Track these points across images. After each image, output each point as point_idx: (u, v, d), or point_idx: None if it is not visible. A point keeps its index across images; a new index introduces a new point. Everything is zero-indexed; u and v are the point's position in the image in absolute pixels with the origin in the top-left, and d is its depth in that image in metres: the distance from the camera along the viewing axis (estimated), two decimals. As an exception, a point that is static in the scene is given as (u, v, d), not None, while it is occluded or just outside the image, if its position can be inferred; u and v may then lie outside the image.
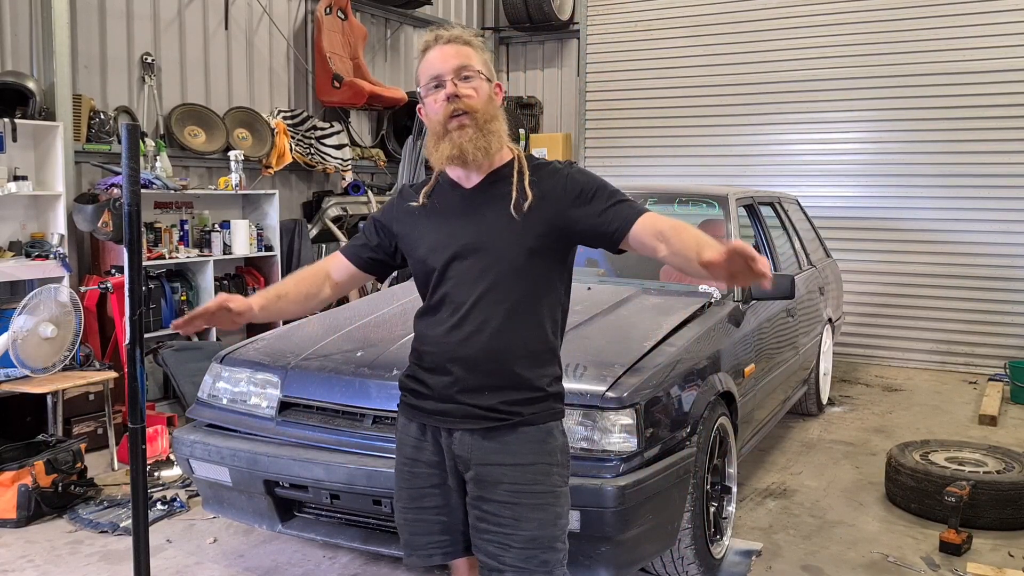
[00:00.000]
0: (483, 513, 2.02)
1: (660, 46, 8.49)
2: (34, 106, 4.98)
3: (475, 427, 2.01)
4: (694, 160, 8.35)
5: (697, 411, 3.18)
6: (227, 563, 3.53)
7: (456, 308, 2.02)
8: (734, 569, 3.48)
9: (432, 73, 2.02)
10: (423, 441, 2.09)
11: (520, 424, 2.00)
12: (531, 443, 2.01)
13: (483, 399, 1.99)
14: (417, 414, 2.10)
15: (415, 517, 2.12)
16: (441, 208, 2.09)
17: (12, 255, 4.99)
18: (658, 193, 5.10)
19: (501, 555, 1.99)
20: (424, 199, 2.12)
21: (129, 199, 2.50)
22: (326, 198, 7.07)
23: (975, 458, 4.27)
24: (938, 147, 7.31)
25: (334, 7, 7.11)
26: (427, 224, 2.10)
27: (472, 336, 1.99)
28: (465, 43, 2.04)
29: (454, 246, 2.03)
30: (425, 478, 2.09)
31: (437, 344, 2.04)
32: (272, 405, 3.23)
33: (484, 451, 2.01)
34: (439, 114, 2.00)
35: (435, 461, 2.08)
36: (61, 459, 4.09)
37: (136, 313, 2.54)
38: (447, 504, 2.09)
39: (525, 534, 1.98)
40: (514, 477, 1.99)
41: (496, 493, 1.99)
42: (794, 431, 5.49)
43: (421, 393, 2.08)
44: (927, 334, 7.48)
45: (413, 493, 2.11)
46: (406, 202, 2.17)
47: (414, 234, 2.12)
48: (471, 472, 2.03)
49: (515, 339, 1.99)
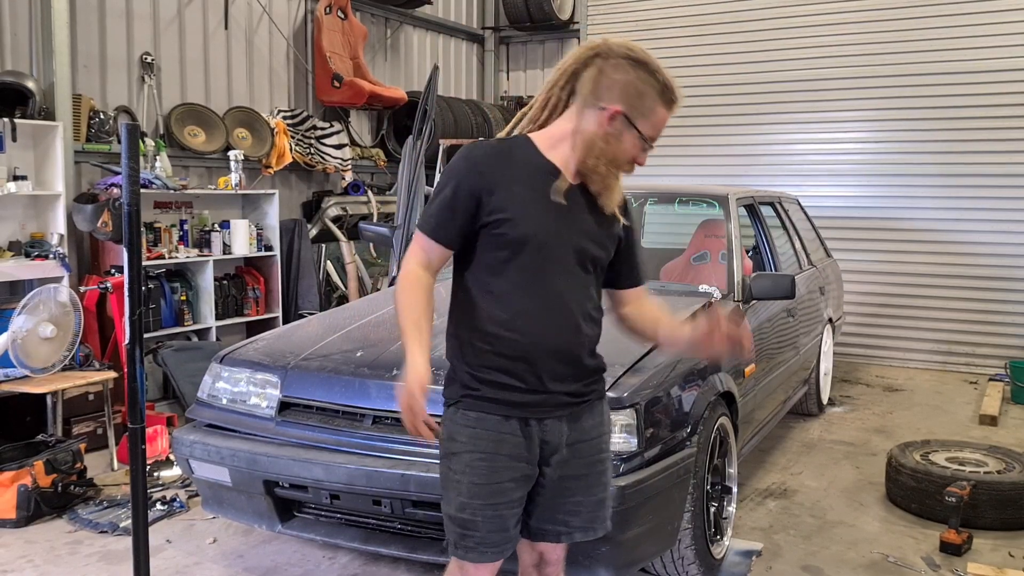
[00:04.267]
0: (563, 489, 2.11)
1: (660, 46, 8.47)
2: (34, 106, 4.97)
3: (564, 413, 2.08)
4: (694, 160, 8.34)
5: (697, 411, 3.18)
6: (227, 563, 3.53)
7: (552, 298, 2.02)
8: (734, 569, 3.48)
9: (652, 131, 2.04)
10: (504, 433, 2.02)
11: (595, 400, 2.16)
12: (601, 415, 2.18)
13: (571, 386, 2.08)
14: (500, 407, 2.03)
15: (494, 513, 2.02)
16: (542, 190, 2.01)
17: (12, 255, 4.99)
18: (658, 193, 5.09)
19: (570, 520, 2.13)
20: (507, 165, 2.02)
21: (129, 199, 2.49)
22: (326, 198, 7.07)
23: (976, 458, 4.26)
24: (938, 147, 7.31)
25: (334, 7, 7.10)
26: (529, 201, 2.00)
27: (565, 329, 2.04)
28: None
29: (555, 234, 2.02)
30: (505, 471, 2.02)
31: (533, 333, 2.00)
32: (272, 405, 3.22)
33: (572, 432, 2.10)
34: (625, 155, 2.03)
35: (519, 453, 2.03)
36: (61, 459, 4.08)
37: (136, 313, 2.54)
38: (522, 496, 2.07)
39: (595, 498, 2.15)
40: (590, 450, 2.13)
41: (572, 467, 2.11)
42: (794, 431, 5.49)
43: (508, 384, 2.02)
44: (928, 334, 7.48)
45: (493, 488, 2.01)
46: (498, 161, 2.02)
47: (512, 211, 1.98)
48: (558, 456, 2.08)
49: (594, 331, 2.13)
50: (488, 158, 2.03)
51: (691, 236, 5.09)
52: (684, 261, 4.96)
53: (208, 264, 5.77)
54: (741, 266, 4.24)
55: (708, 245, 4.89)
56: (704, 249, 4.91)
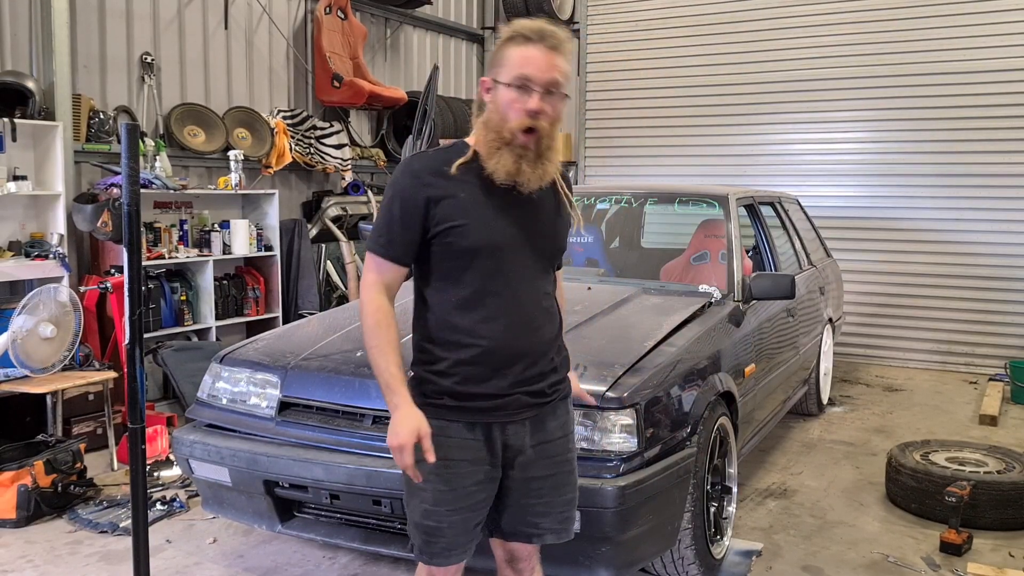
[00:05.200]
0: (529, 490, 2.11)
1: (660, 46, 8.49)
2: (34, 106, 4.97)
3: (528, 415, 2.08)
4: (694, 160, 8.34)
5: (697, 411, 3.18)
6: (227, 563, 3.53)
7: (512, 303, 2.03)
8: (734, 569, 3.48)
9: (524, 72, 1.93)
10: (468, 439, 2.04)
11: (558, 400, 2.15)
12: (565, 415, 2.18)
13: (534, 386, 2.07)
14: (464, 414, 2.03)
15: (460, 519, 2.04)
16: (490, 195, 2.00)
17: (12, 255, 4.99)
18: (658, 193, 5.09)
19: (540, 521, 2.13)
20: (456, 173, 2.00)
21: (128, 199, 2.49)
22: (326, 198, 7.06)
23: (975, 458, 4.26)
24: (938, 147, 7.31)
25: (334, 7, 7.10)
26: (479, 211, 1.99)
27: (527, 331, 2.05)
28: (565, 53, 1.99)
29: (510, 239, 2.02)
30: (469, 476, 2.04)
31: (497, 340, 2.01)
32: (272, 405, 3.22)
33: (536, 434, 2.10)
34: (514, 120, 1.94)
35: (481, 457, 2.05)
36: (61, 459, 4.08)
37: (135, 313, 2.54)
38: (488, 497, 2.09)
39: (564, 498, 2.15)
40: (553, 451, 2.13)
41: (539, 468, 2.10)
42: (794, 431, 5.49)
43: (471, 392, 2.02)
44: (927, 334, 7.48)
45: (459, 493, 2.03)
46: (433, 180, 2.00)
47: (461, 219, 1.98)
48: (522, 457, 2.08)
49: (553, 330, 2.13)
50: (429, 168, 2.02)
51: (691, 236, 5.09)
52: (684, 261, 4.96)
53: (208, 264, 5.77)
54: (741, 266, 4.24)
55: (708, 245, 4.89)
56: (704, 249, 4.91)
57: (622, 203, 5.18)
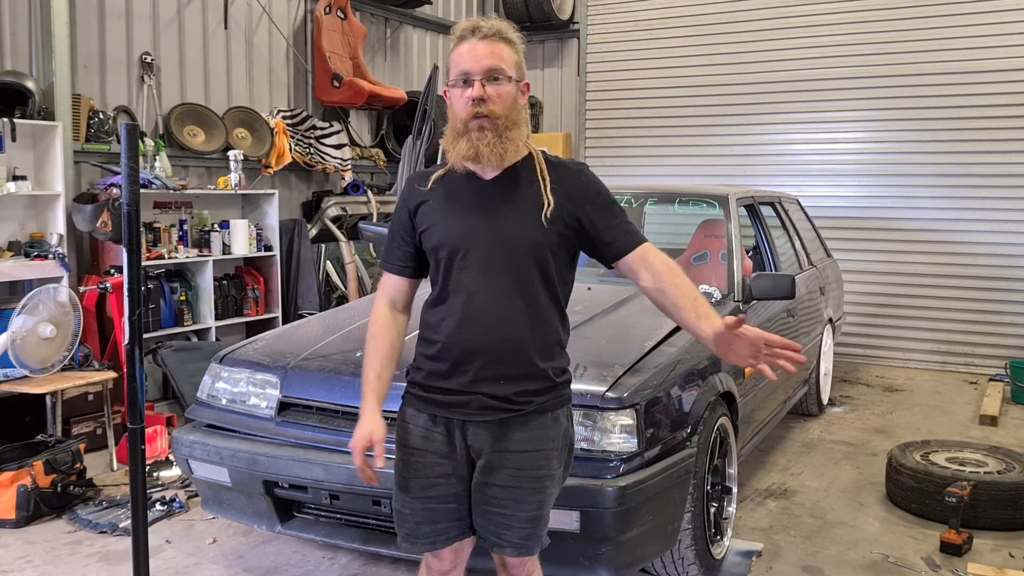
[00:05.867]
0: (486, 496, 2.08)
1: (660, 46, 8.49)
2: (33, 106, 4.97)
3: (491, 418, 2.06)
4: (694, 160, 8.34)
5: (697, 411, 3.17)
6: (226, 564, 3.52)
7: (472, 300, 2.04)
8: (734, 570, 3.47)
9: (462, 68, 2.01)
10: (433, 431, 2.10)
11: (533, 412, 2.07)
12: (540, 430, 2.08)
13: (499, 389, 2.04)
14: (428, 406, 2.11)
15: (422, 507, 2.10)
16: (457, 197, 2.09)
17: (11, 255, 4.98)
18: (658, 193, 5.09)
19: (503, 532, 2.09)
20: (433, 184, 2.12)
21: (128, 199, 2.49)
22: (325, 198, 7.06)
23: (976, 458, 4.26)
24: (938, 147, 7.31)
25: (334, 6, 7.10)
26: (443, 212, 2.09)
27: (491, 329, 2.03)
28: (502, 40, 2.03)
29: (472, 237, 2.04)
30: (433, 467, 2.09)
31: (453, 336, 2.04)
32: (271, 405, 3.22)
33: (497, 440, 2.06)
34: (462, 112, 2.02)
35: (445, 451, 2.09)
36: (60, 459, 4.08)
37: (135, 313, 2.54)
38: (455, 493, 2.10)
39: (525, 515, 2.08)
40: (519, 463, 2.06)
41: (500, 477, 2.07)
42: (795, 431, 5.48)
43: (434, 386, 2.09)
44: (927, 334, 7.48)
45: (421, 483, 2.09)
46: (418, 189, 2.15)
47: (429, 222, 2.10)
48: (482, 460, 2.08)
49: (532, 332, 2.05)
50: (418, 179, 2.17)
51: (691, 236, 5.09)
52: (684, 261, 4.95)
53: (208, 264, 5.77)
54: (741, 266, 4.23)
55: (708, 245, 4.89)
56: (704, 249, 4.91)
57: (622, 203, 5.17)
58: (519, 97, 2.06)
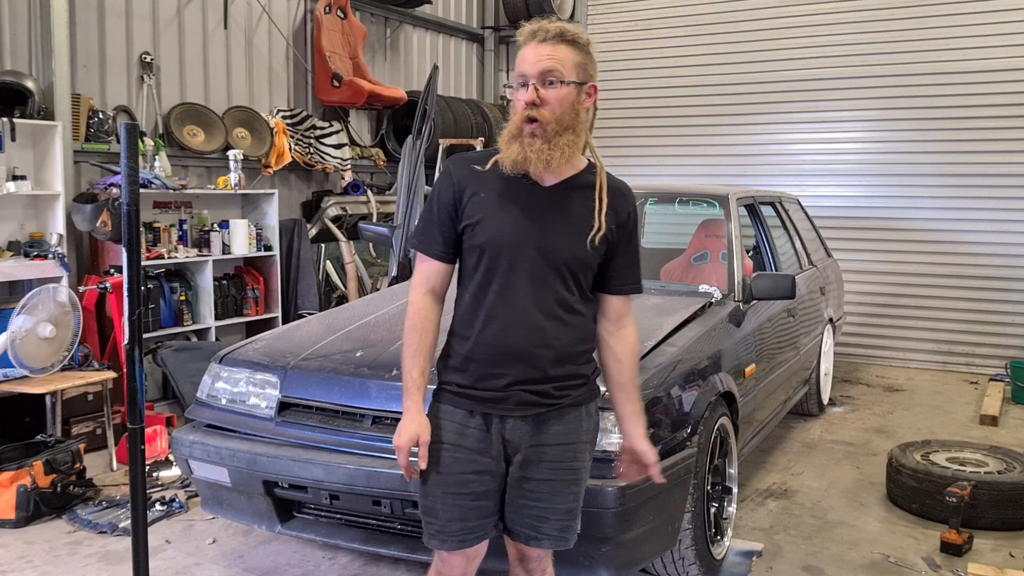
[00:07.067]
0: (523, 491, 2.11)
1: (660, 46, 8.49)
2: (33, 105, 4.96)
3: (528, 413, 2.08)
4: (694, 160, 8.34)
5: (698, 411, 3.17)
6: (226, 564, 3.52)
7: (515, 305, 2.04)
8: (735, 570, 3.47)
9: (520, 70, 2.03)
10: (468, 428, 2.09)
11: (568, 406, 2.12)
12: (574, 423, 2.13)
13: (538, 387, 2.07)
14: (465, 402, 2.10)
15: (454, 503, 2.09)
16: (511, 198, 2.07)
17: (11, 255, 4.98)
18: (658, 193, 5.09)
19: (540, 525, 2.13)
20: (490, 169, 2.08)
21: (128, 199, 2.49)
22: (325, 198, 7.06)
23: (976, 458, 4.26)
24: (938, 147, 7.31)
25: (333, 6, 7.09)
26: (494, 210, 2.06)
27: (535, 333, 2.04)
28: (563, 41, 2.02)
29: (521, 244, 2.04)
30: (467, 463, 2.08)
31: (496, 339, 2.05)
32: (271, 405, 3.21)
33: (535, 434, 2.09)
34: (518, 115, 2.02)
35: (480, 448, 2.09)
36: (60, 459, 4.08)
37: (135, 313, 2.53)
38: (488, 490, 2.11)
39: (562, 506, 2.13)
40: (555, 455, 2.10)
41: (538, 471, 2.10)
42: (795, 431, 5.48)
43: (468, 384, 2.09)
44: (928, 334, 7.48)
45: (454, 479, 2.08)
46: (475, 170, 2.10)
47: (479, 216, 2.06)
48: (520, 455, 2.09)
49: (572, 337, 2.09)
50: (462, 167, 2.13)
51: (691, 236, 5.09)
52: (684, 261, 4.96)
53: (207, 264, 5.76)
54: (741, 266, 4.23)
55: (708, 245, 4.89)
56: (704, 249, 4.91)
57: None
58: (580, 100, 2.04)
